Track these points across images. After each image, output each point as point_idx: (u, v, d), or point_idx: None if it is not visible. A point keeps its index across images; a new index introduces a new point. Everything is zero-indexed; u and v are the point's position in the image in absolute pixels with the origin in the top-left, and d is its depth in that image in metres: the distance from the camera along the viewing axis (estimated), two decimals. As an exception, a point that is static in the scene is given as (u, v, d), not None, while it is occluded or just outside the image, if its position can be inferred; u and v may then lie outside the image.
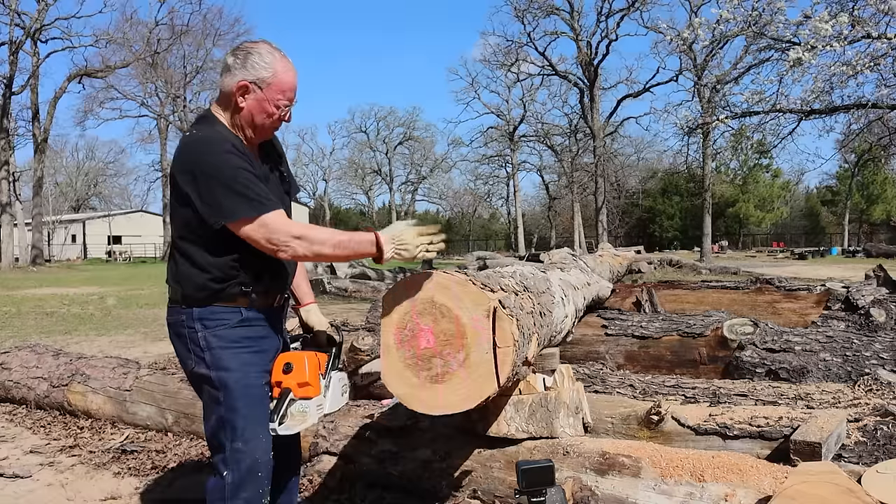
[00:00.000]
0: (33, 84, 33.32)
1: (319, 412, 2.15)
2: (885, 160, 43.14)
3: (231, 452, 2.05)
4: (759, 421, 2.84)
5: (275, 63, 2.06)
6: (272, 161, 2.24)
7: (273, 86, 2.06)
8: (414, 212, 69.47)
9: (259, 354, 2.12)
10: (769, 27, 11.90)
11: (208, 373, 2.07)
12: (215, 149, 2.00)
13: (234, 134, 2.11)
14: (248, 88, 2.05)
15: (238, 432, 2.05)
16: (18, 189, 37.18)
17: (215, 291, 2.06)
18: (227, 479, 2.05)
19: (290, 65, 2.10)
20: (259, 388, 2.10)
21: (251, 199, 1.96)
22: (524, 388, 2.68)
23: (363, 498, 2.99)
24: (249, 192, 1.96)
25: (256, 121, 2.09)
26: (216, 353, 2.06)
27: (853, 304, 5.52)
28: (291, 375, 2.12)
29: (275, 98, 2.06)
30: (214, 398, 2.08)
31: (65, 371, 4.66)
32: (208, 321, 2.06)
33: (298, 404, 2.12)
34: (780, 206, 53.49)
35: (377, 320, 3.55)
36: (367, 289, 13.53)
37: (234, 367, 2.06)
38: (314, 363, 2.18)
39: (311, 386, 2.13)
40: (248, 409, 2.06)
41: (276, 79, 2.06)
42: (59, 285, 19.34)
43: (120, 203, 69.98)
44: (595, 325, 5.42)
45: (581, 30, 36.14)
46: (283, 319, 2.30)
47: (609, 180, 43.52)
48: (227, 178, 1.96)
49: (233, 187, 1.95)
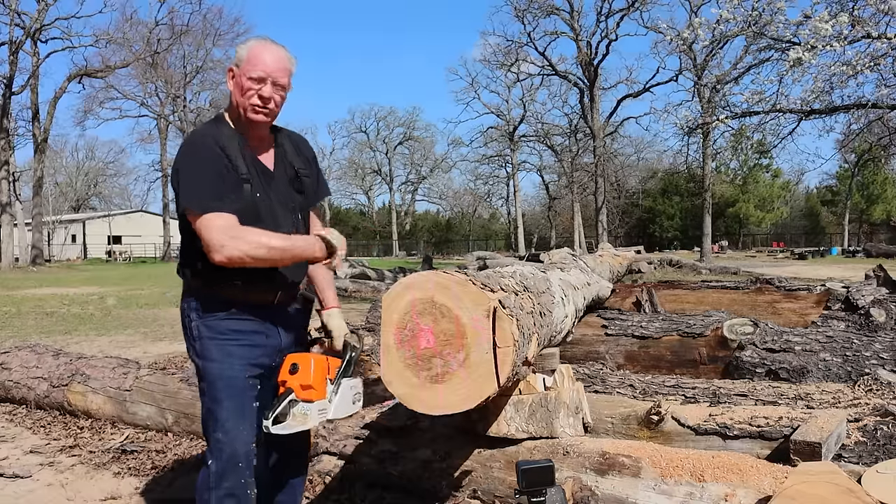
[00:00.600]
0: (33, 84, 33.33)
1: (321, 416, 2.14)
2: (885, 160, 43.16)
3: (214, 442, 2.11)
4: (759, 421, 2.84)
5: (253, 45, 2.14)
6: (290, 161, 2.26)
7: (246, 63, 2.11)
8: (414, 212, 69.51)
9: (246, 348, 2.13)
10: (769, 27, 11.89)
11: (197, 361, 2.16)
12: (195, 143, 2.11)
13: (232, 130, 2.15)
14: (232, 72, 2.15)
15: (220, 423, 2.10)
16: (18, 189, 37.21)
17: (208, 282, 2.12)
18: (211, 468, 2.11)
19: (270, 46, 2.14)
20: (241, 381, 2.12)
21: (202, 195, 2.02)
22: (524, 388, 2.68)
23: (363, 498, 2.99)
24: (203, 187, 2.02)
25: (239, 102, 2.13)
26: (204, 342, 2.13)
27: (853, 304, 5.52)
28: (297, 376, 2.13)
29: (247, 72, 2.10)
30: (202, 388, 2.17)
31: (65, 371, 4.66)
32: (201, 311, 2.14)
33: (301, 406, 2.11)
34: (780, 206, 53.50)
35: (377, 320, 3.55)
36: (367, 289, 13.53)
37: (218, 358, 2.11)
38: (322, 367, 2.17)
39: (315, 389, 2.12)
40: (229, 400, 2.11)
41: (250, 54, 2.12)
42: (59, 285, 19.35)
43: (120, 203, 70.05)
44: (595, 325, 5.42)
45: (581, 30, 36.15)
46: (294, 318, 2.30)
47: (609, 180, 43.54)
48: (190, 170, 2.06)
49: (191, 180, 2.05)
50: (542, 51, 38.43)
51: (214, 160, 2.06)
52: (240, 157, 2.11)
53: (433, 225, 69.49)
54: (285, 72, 2.14)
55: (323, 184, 2.42)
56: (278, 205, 2.19)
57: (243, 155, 2.13)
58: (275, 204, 2.18)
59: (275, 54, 2.13)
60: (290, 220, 2.23)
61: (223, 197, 2.03)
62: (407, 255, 50.07)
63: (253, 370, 2.15)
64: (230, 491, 2.10)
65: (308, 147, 2.38)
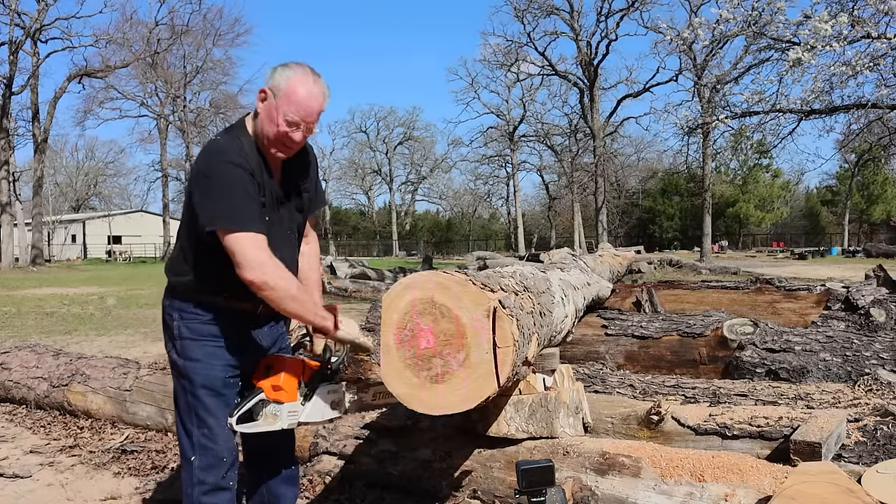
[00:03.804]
0: (33, 84, 33.31)
1: (291, 418, 2.14)
2: (885, 160, 43.16)
3: (197, 438, 2.16)
4: (759, 421, 2.84)
5: (296, 78, 2.07)
6: (294, 179, 2.26)
7: (284, 97, 2.06)
8: (414, 212, 69.50)
9: (227, 350, 2.16)
10: (769, 27, 11.89)
11: (178, 360, 2.19)
12: (222, 157, 2.06)
13: (254, 147, 2.13)
14: (266, 94, 2.09)
15: (202, 420, 2.15)
16: (18, 189, 37.19)
17: (195, 288, 2.16)
18: (194, 463, 2.15)
19: (314, 88, 2.09)
20: (221, 380, 2.16)
21: (235, 213, 2.02)
22: (524, 388, 2.68)
23: (363, 498, 2.99)
24: (236, 206, 2.02)
25: (266, 129, 2.10)
26: (186, 343, 2.16)
27: (853, 304, 5.52)
28: (269, 378, 2.16)
29: (282, 109, 2.06)
30: (182, 386, 2.19)
31: (65, 371, 4.66)
32: (184, 313, 2.17)
33: (271, 406, 2.13)
34: (780, 206, 53.51)
35: (377, 320, 3.55)
36: (367, 289, 13.54)
37: (199, 358, 2.15)
38: (295, 369, 2.17)
39: (285, 391, 2.13)
40: (210, 398, 2.15)
41: (291, 91, 2.06)
42: (59, 285, 19.34)
43: (120, 203, 69.98)
44: (595, 325, 5.42)
45: (581, 30, 36.13)
46: (276, 322, 2.31)
47: (609, 180, 43.54)
48: (221, 186, 2.03)
49: (223, 197, 2.03)
50: (542, 51, 38.44)
51: (244, 176, 2.05)
52: (261, 177, 2.11)
53: (433, 225, 69.47)
54: (320, 113, 2.13)
55: (320, 194, 2.42)
56: (280, 228, 2.20)
57: (263, 177, 2.13)
58: (280, 225, 2.20)
59: (315, 97, 2.08)
60: (287, 238, 2.24)
61: (257, 216, 2.06)
62: (407, 255, 50.04)
63: (233, 371, 2.19)
64: (215, 486, 2.15)
65: (312, 158, 2.35)
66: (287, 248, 2.23)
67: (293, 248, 2.29)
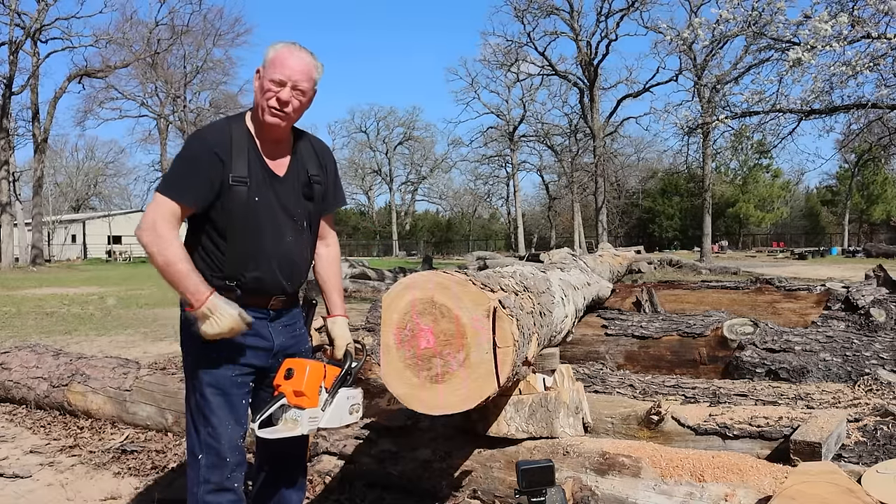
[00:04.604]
0: (33, 84, 33.30)
1: (312, 424, 2.12)
2: (885, 160, 43.11)
3: (203, 437, 2.15)
4: (759, 421, 2.84)
5: (280, 48, 2.16)
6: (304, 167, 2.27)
7: (270, 65, 2.14)
8: (414, 212, 69.49)
9: (235, 348, 2.15)
10: (769, 27, 11.89)
11: (187, 358, 2.20)
12: (195, 135, 2.20)
13: (244, 129, 2.17)
14: (258, 73, 2.17)
15: (208, 419, 2.14)
16: (18, 189, 37.21)
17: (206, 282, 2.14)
18: (200, 462, 2.15)
19: (296, 51, 2.16)
20: (229, 379, 2.15)
21: (169, 178, 2.12)
22: (524, 388, 2.68)
23: (363, 498, 2.99)
24: (176, 173, 2.12)
25: (258, 102, 2.15)
26: (194, 339, 2.14)
27: (853, 304, 5.52)
28: (290, 382, 2.12)
29: (269, 74, 2.12)
30: (192, 384, 2.19)
31: (65, 371, 4.66)
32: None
33: (292, 412, 2.11)
34: (780, 206, 53.52)
35: (377, 320, 3.55)
36: (367, 289, 13.54)
37: (206, 355, 2.14)
38: (317, 374, 2.14)
39: (307, 396, 2.11)
40: (216, 397, 2.14)
41: (275, 57, 2.14)
42: (59, 285, 19.35)
43: (120, 203, 70.01)
44: (595, 325, 5.42)
45: (581, 30, 36.12)
46: (290, 321, 2.30)
47: (609, 180, 43.54)
48: (177, 158, 2.16)
49: (173, 166, 2.15)
50: (542, 51, 38.42)
51: (197, 157, 2.10)
52: (242, 158, 2.12)
53: (433, 225, 69.45)
54: (307, 77, 2.15)
55: (339, 193, 2.41)
56: (281, 209, 2.19)
57: (248, 156, 2.13)
58: (277, 208, 2.18)
59: (299, 59, 2.14)
60: (291, 225, 2.22)
61: (186, 191, 2.09)
62: (407, 255, 50.04)
63: (242, 369, 2.17)
64: (219, 486, 2.15)
65: (329, 155, 2.37)
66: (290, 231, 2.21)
67: (297, 233, 2.25)
